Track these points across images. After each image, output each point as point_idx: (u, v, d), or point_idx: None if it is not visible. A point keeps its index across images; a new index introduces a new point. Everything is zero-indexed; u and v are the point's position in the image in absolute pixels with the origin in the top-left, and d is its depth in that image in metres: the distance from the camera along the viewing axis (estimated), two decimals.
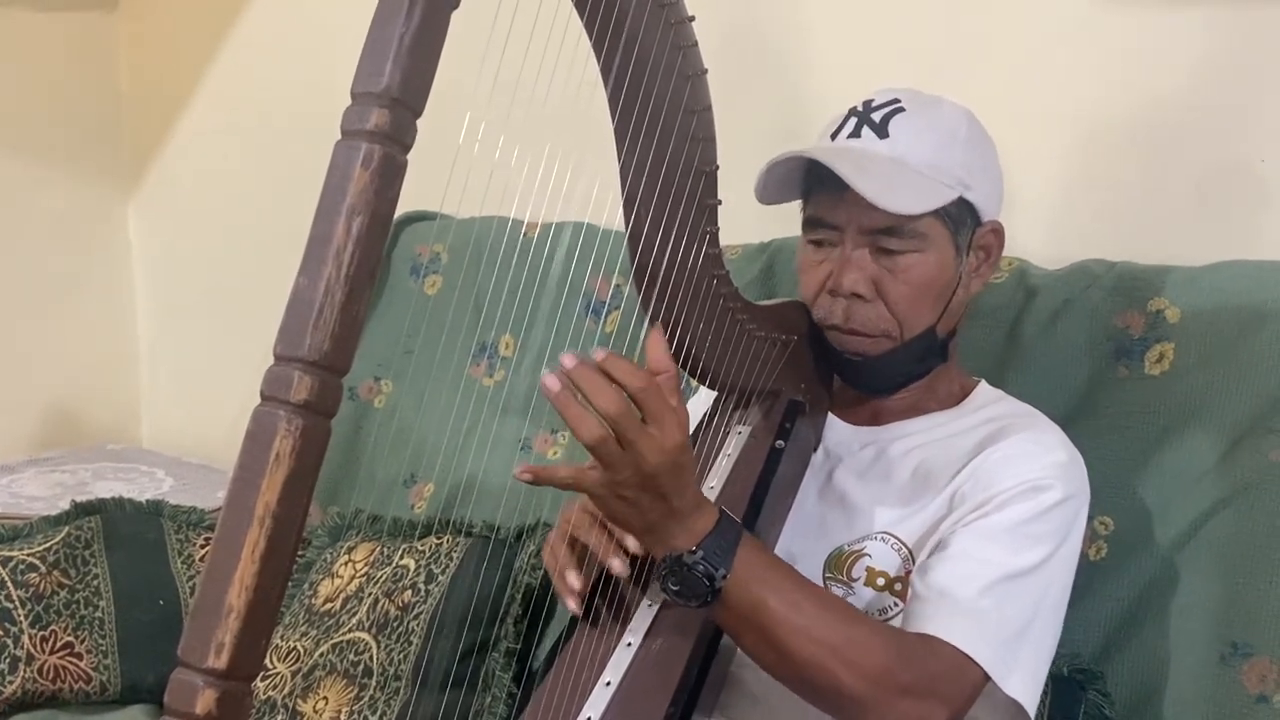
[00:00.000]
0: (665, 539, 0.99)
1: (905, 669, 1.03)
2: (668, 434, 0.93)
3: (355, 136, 0.76)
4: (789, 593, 1.01)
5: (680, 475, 0.95)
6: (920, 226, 1.17)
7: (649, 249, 1.06)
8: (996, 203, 1.24)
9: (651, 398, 0.92)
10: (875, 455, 1.25)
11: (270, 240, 1.72)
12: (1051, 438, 1.20)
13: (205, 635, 0.72)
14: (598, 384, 0.90)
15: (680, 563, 0.98)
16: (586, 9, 0.96)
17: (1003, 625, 1.08)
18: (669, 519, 0.97)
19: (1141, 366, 1.40)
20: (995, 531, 1.11)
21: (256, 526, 0.73)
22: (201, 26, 2.45)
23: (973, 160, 1.20)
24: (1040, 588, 1.11)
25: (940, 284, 1.20)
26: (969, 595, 1.08)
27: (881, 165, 1.16)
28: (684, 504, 0.97)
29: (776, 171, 1.19)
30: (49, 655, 1.69)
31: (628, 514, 0.97)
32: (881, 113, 1.19)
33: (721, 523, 1.00)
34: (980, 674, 1.06)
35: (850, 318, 1.20)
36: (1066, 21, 1.58)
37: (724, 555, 0.98)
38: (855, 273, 1.18)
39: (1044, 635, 1.12)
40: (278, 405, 0.74)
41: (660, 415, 0.93)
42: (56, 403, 2.52)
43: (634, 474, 0.93)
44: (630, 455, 0.92)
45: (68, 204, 2.50)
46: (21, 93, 2.40)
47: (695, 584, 0.98)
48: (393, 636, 1.59)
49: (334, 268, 0.75)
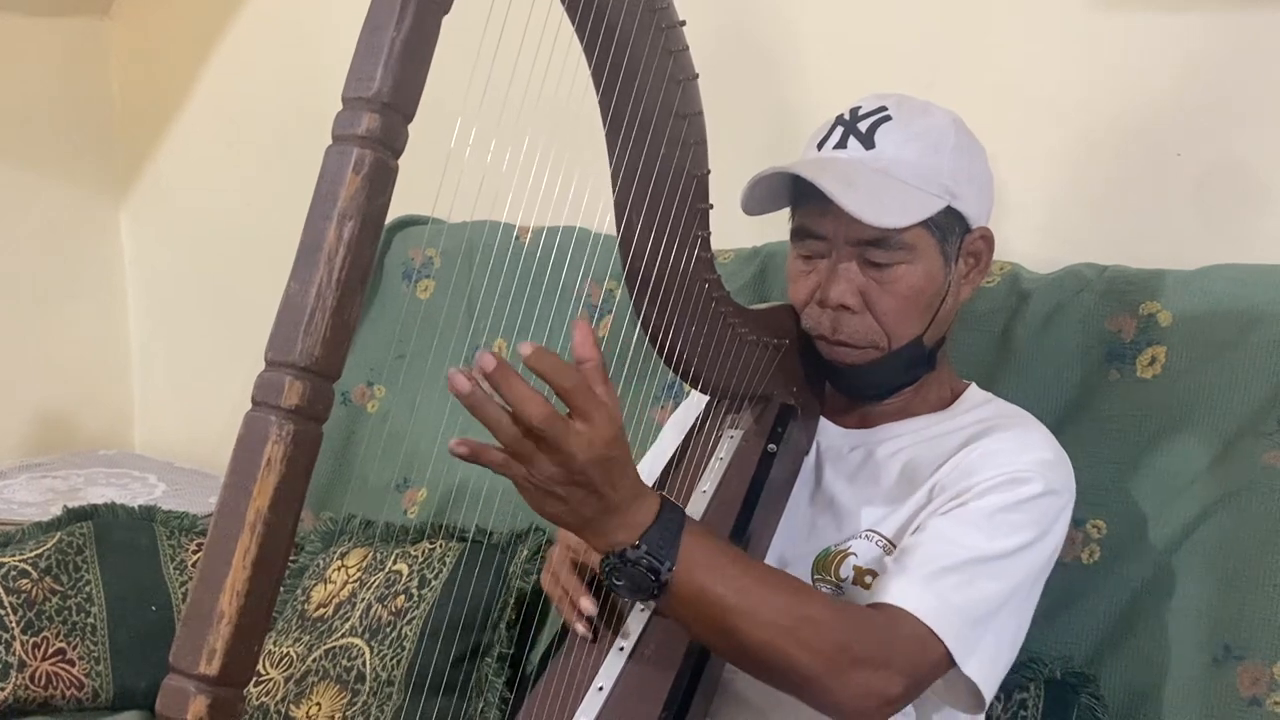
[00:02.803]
0: (604, 534, 0.94)
1: (858, 640, 1.01)
2: (597, 430, 0.88)
3: (346, 141, 0.76)
4: (737, 579, 0.98)
5: (611, 469, 0.91)
6: (907, 238, 1.16)
7: (640, 253, 1.06)
8: (986, 209, 1.24)
9: (578, 395, 0.87)
10: (864, 458, 1.25)
11: (262, 245, 1.72)
12: (1037, 436, 1.20)
13: (197, 641, 0.72)
14: (520, 392, 0.84)
15: (624, 558, 0.95)
16: (578, 13, 0.97)
17: (969, 605, 1.06)
18: (605, 514, 0.93)
19: (1133, 370, 1.40)
20: (972, 517, 1.11)
21: (248, 532, 0.73)
22: (193, 33, 2.44)
23: (960, 168, 1.19)
24: (1012, 576, 1.10)
25: (928, 294, 1.19)
26: (937, 571, 1.06)
27: (867, 178, 1.15)
28: (620, 497, 0.93)
29: (761, 186, 1.19)
30: (41, 662, 1.68)
31: (560, 511, 0.92)
32: (868, 122, 1.18)
33: (663, 513, 0.96)
34: (941, 650, 1.04)
35: (838, 329, 1.20)
36: (1057, 25, 1.58)
37: (668, 547, 0.95)
38: (843, 284, 1.18)
39: (1009, 624, 1.11)
40: (269, 410, 0.74)
41: (587, 411, 0.88)
42: (49, 408, 2.51)
43: (562, 471, 0.89)
44: (556, 454, 0.88)
45: (60, 209, 2.50)
46: (14, 98, 2.39)
47: (640, 579, 0.95)
48: (386, 642, 1.58)
49: (325, 273, 0.75)
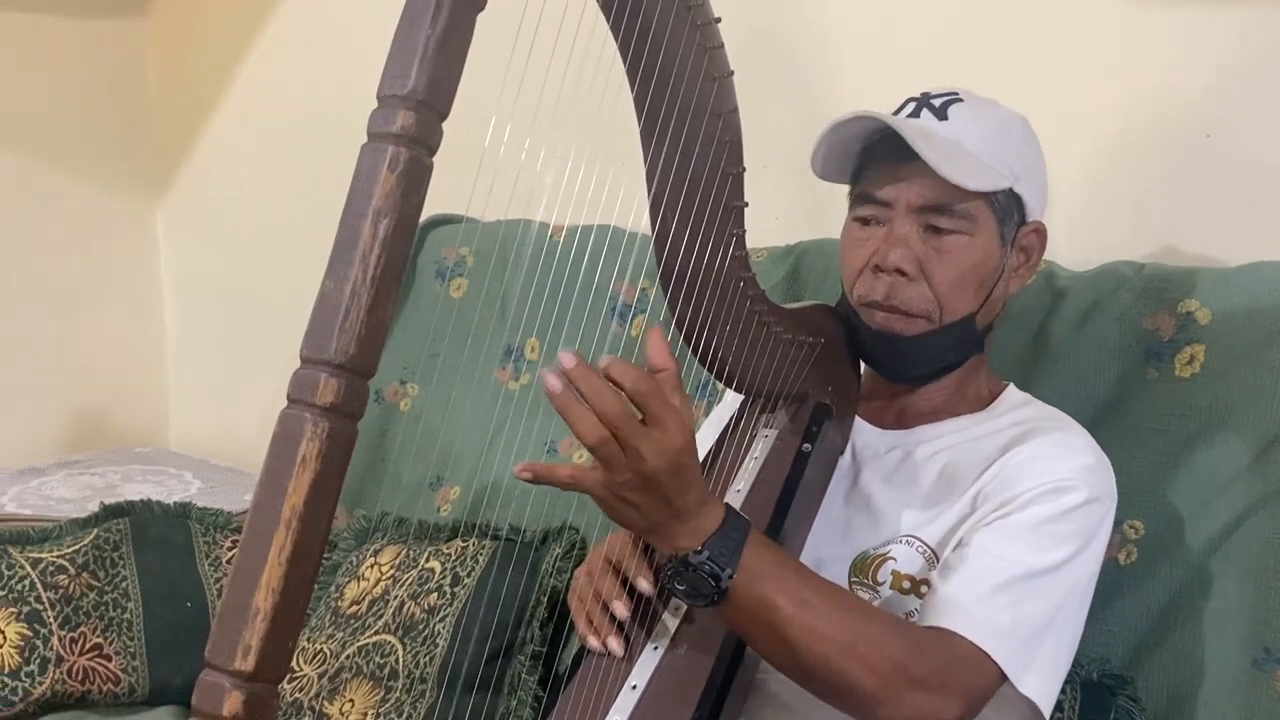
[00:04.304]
0: (670, 539, 0.98)
1: (917, 662, 1.02)
2: (669, 435, 0.92)
3: (381, 139, 0.76)
4: (797, 590, 1.00)
5: (682, 475, 0.94)
6: (970, 208, 1.16)
7: (675, 252, 1.06)
8: (1041, 205, 1.24)
9: (652, 399, 0.91)
10: (901, 458, 1.24)
11: (297, 243, 1.73)
12: (1078, 441, 1.19)
13: (232, 638, 0.72)
14: (597, 387, 0.89)
15: (686, 563, 0.97)
16: (613, 11, 0.96)
17: (1020, 623, 1.07)
18: (672, 519, 0.96)
19: (1172, 369, 1.39)
20: (1017, 529, 1.10)
21: (283, 529, 0.73)
22: (228, 32, 2.46)
23: (1025, 158, 1.21)
24: (1062, 588, 1.10)
25: (984, 270, 1.19)
26: (987, 591, 1.07)
27: (943, 139, 1.16)
28: (687, 503, 0.96)
29: (836, 140, 1.19)
30: (78, 657, 1.70)
31: (630, 515, 0.96)
32: (940, 99, 1.20)
33: (728, 521, 0.99)
34: (995, 671, 1.05)
35: (892, 295, 1.19)
36: (1095, 21, 1.57)
37: (730, 554, 0.97)
38: (902, 249, 1.18)
39: (1063, 637, 1.11)
40: (304, 408, 0.74)
41: (661, 417, 0.91)
42: (85, 406, 2.53)
43: (635, 475, 0.92)
44: (631, 457, 0.91)
45: (96, 208, 2.52)
46: (51, 98, 2.42)
47: (701, 584, 0.98)
48: (418, 639, 1.59)
49: (360, 271, 0.75)
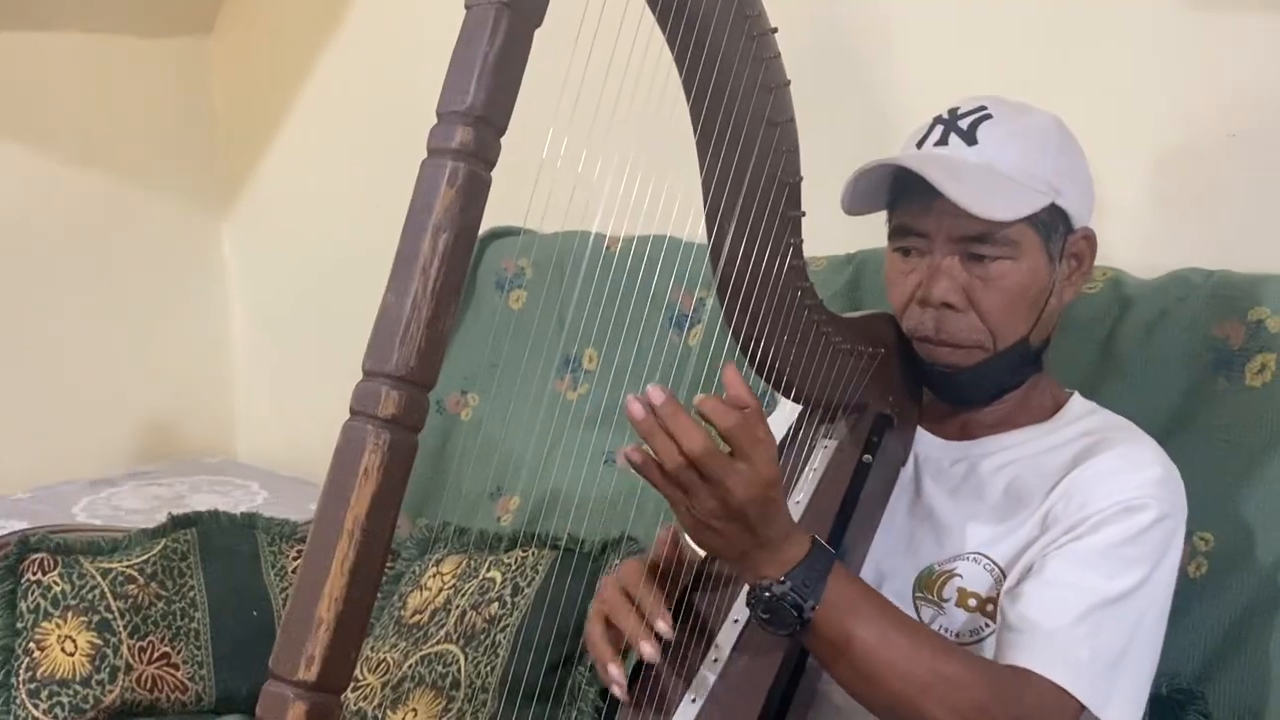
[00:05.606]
0: (754, 568, 0.99)
1: (999, 706, 1.01)
2: (757, 470, 0.93)
3: (441, 154, 0.77)
4: (880, 625, 1.01)
5: (768, 508, 0.96)
6: (1012, 233, 1.14)
7: (732, 262, 1.06)
8: (1088, 209, 1.21)
9: (741, 434, 0.93)
10: (966, 472, 1.22)
11: (361, 257, 1.74)
12: (1146, 452, 1.17)
13: (296, 648, 0.73)
14: (685, 425, 0.91)
15: (770, 591, 0.98)
16: (669, 23, 0.97)
17: (1098, 654, 1.05)
18: (757, 549, 0.98)
19: (1242, 378, 1.36)
20: (1089, 555, 1.09)
21: (345, 540, 0.74)
22: (294, 49, 2.50)
23: (1063, 166, 1.17)
24: (1137, 612, 1.08)
25: (1033, 292, 1.17)
26: (1063, 624, 1.05)
27: (971, 171, 1.13)
28: (773, 534, 0.97)
29: (863, 181, 1.17)
30: (147, 665, 1.72)
31: (716, 542, 0.98)
32: (969, 120, 1.17)
33: (813, 552, 1.00)
34: (1076, 705, 1.04)
35: (941, 328, 1.17)
36: (1159, 24, 1.54)
37: (813, 586, 0.98)
38: (946, 281, 1.16)
39: (1142, 660, 1.09)
40: (366, 420, 0.75)
41: (749, 452, 0.93)
42: (154, 418, 2.58)
43: (720, 506, 0.94)
44: (717, 489, 0.93)
45: (165, 224, 2.57)
46: (120, 115, 2.47)
47: (784, 613, 0.98)
48: (480, 649, 1.60)
49: (420, 284, 0.76)
